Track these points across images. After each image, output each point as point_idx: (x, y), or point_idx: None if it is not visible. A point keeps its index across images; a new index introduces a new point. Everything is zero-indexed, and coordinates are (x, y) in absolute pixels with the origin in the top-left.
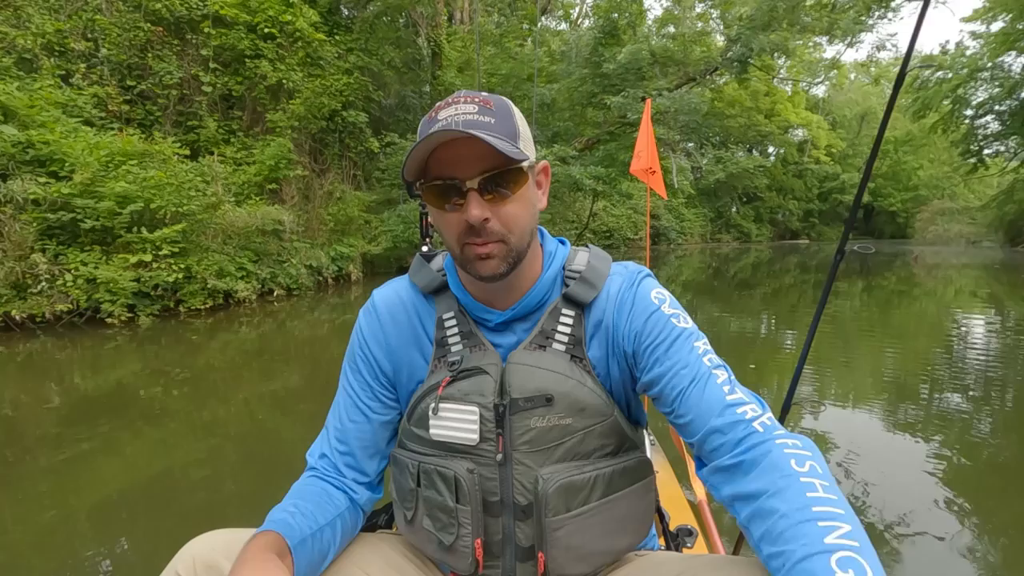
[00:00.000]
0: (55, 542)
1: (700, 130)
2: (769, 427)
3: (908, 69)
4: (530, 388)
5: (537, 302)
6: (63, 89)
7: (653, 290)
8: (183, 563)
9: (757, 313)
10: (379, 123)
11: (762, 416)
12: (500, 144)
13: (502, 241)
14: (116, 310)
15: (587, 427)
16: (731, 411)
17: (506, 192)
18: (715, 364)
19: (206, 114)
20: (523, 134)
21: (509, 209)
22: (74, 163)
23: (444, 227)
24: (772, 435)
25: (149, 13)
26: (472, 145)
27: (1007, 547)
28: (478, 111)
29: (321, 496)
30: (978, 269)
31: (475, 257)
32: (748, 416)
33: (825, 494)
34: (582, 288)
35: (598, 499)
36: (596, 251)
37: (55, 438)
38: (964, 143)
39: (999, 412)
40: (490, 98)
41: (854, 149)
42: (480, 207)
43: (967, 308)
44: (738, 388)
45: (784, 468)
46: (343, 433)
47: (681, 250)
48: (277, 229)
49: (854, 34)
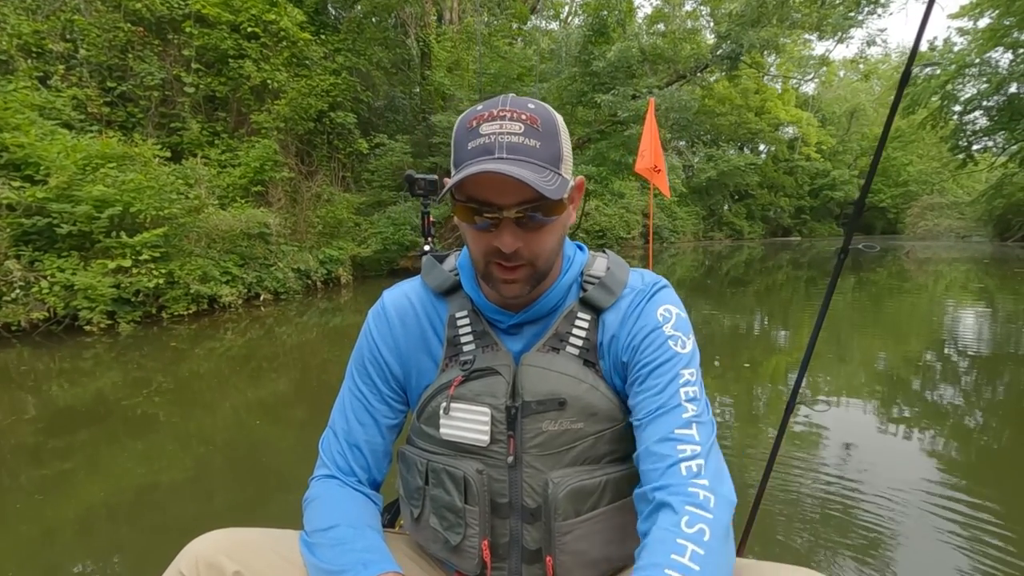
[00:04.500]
0: (36, 557)
1: (691, 128)
2: (694, 473)
3: (912, 67)
4: (543, 391)
5: (552, 306)
6: (40, 91)
7: (662, 306)
8: (186, 562)
9: (751, 310)
10: (368, 124)
11: (693, 461)
12: (544, 186)
13: (530, 265)
14: (95, 317)
15: (598, 432)
16: (669, 444)
17: (543, 222)
18: (688, 397)
19: (189, 116)
20: (565, 154)
21: (542, 239)
22: (50, 166)
23: (471, 241)
24: (688, 483)
25: (129, 13)
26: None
27: (1007, 541)
28: (524, 132)
29: (365, 506)
30: (968, 263)
31: (500, 279)
32: (680, 456)
33: (690, 562)
34: (600, 293)
35: (607, 504)
36: (615, 258)
37: (32, 450)
38: (953, 139)
39: (996, 406)
40: (537, 112)
41: (844, 146)
42: (514, 237)
43: (960, 301)
44: (697, 427)
45: (668, 523)
46: (351, 435)
47: (674, 248)
48: (263, 232)
49: (844, 30)
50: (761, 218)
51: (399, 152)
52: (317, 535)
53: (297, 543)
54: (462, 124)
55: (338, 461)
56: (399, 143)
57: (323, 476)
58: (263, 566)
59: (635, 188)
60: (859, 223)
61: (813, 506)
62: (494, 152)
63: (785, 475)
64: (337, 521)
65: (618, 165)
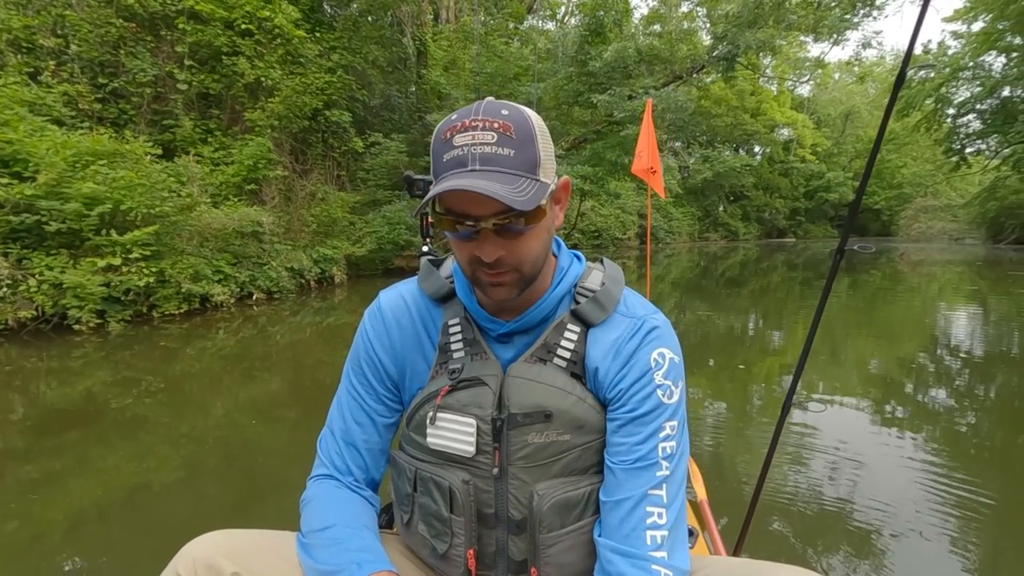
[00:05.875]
0: (24, 560)
1: (687, 129)
2: (657, 545)
3: (908, 69)
4: (529, 404)
5: (543, 316)
6: (31, 87)
7: (656, 351)
8: (183, 563)
9: (745, 311)
10: (364, 123)
11: (658, 532)
12: (515, 198)
13: (515, 270)
14: (84, 316)
15: (585, 443)
16: (640, 507)
17: (522, 230)
18: (666, 454)
19: (182, 113)
20: (543, 159)
21: (524, 245)
22: (39, 163)
23: (456, 249)
24: (649, 557)
25: (122, 9)
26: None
27: (1003, 539)
28: (496, 142)
29: (362, 507)
30: (962, 265)
31: (487, 283)
32: (648, 523)
33: None
34: (592, 308)
35: (592, 516)
36: (611, 271)
37: (21, 451)
38: (947, 142)
39: (990, 406)
40: (511, 119)
41: (839, 148)
42: (495, 246)
43: (952, 304)
44: (667, 487)
45: None
46: (347, 434)
47: (670, 249)
48: (256, 231)
49: (839, 32)
50: (756, 219)
51: (395, 151)
52: (313, 535)
53: (295, 544)
54: (438, 135)
55: (335, 461)
56: (395, 142)
57: (321, 476)
58: (261, 567)
59: (631, 189)
60: (842, 222)
61: (810, 506)
62: (467, 164)
63: (782, 475)
64: (333, 521)
65: (614, 165)
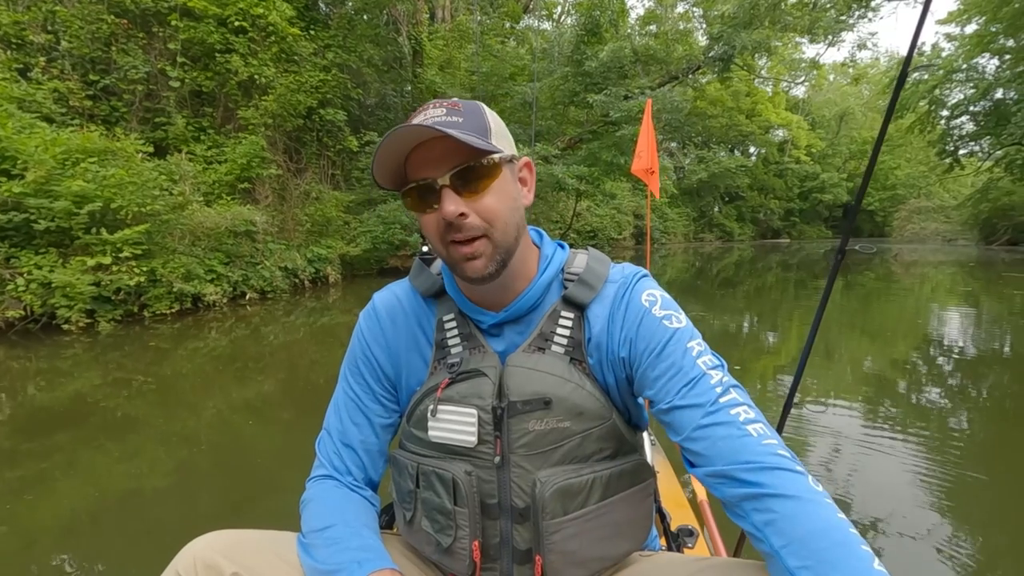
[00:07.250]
0: (16, 564)
1: (682, 129)
2: (765, 435)
3: (909, 70)
4: (528, 391)
5: (531, 304)
6: (20, 83)
7: (644, 292)
8: (183, 563)
9: (741, 312)
10: (359, 122)
11: (753, 425)
12: (466, 137)
13: (485, 236)
14: (73, 316)
15: (585, 430)
16: (723, 412)
17: (480, 185)
18: (710, 365)
19: (175, 110)
20: (495, 130)
21: (486, 202)
22: (28, 160)
23: (427, 231)
24: (768, 451)
25: (113, 4)
26: (442, 145)
27: (1002, 537)
28: (446, 113)
29: (361, 506)
30: (955, 267)
31: (461, 258)
32: (743, 420)
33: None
34: (580, 289)
35: (595, 502)
36: (595, 253)
37: (8, 453)
38: (940, 143)
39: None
40: (459, 101)
41: (833, 149)
42: (453, 202)
43: (945, 305)
44: (735, 391)
45: (797, 484)
46: (345, 435)
47: (665, 249)
48: (250, 230)
49: (835, 33)
50: (751, 220)
51: None
52: (313, 535)
53: (295, 544)
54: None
55: (334, 461)
56: None
57: (320, 477)
58: (261, 567)
59: (627, 189)
60: (836, 223)
61: None
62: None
63: None
64: (333, 521)
65: (610, 166)
